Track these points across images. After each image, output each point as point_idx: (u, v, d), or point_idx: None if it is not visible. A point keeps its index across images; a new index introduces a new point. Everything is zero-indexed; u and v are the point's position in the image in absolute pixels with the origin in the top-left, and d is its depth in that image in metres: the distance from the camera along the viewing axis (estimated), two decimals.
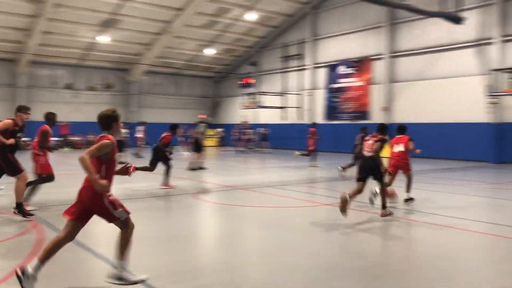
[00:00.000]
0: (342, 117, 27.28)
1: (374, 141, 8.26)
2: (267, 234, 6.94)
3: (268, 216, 8.42)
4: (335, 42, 27.59)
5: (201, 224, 8.12)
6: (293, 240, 6.55)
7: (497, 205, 10.02)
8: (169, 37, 28.86)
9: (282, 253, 5.79)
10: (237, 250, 6.07)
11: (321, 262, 5.44)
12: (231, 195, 10.90)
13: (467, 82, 21.28)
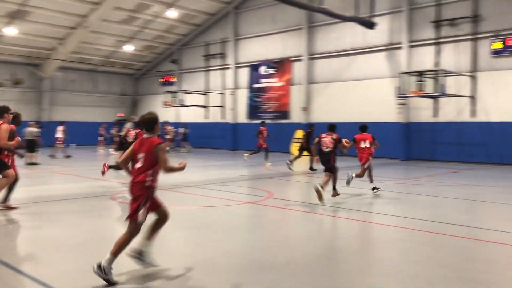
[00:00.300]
0: (264, 117, 27.72)
1: (332, 138, 9.92)
2: (187, 235, 6.89)
3: (188, 217, 8.35)
4: (256, 42, 27.98)
5: (118, 227, 7.85)
6: (214, 239, 6.56)
7: (407, 200, 10.74)
8: (85, 32, 27.51)
9: (202, 253, 5.78)
10: (156, 252, 5.96)
11: (242, 259, 5.51)
12: None
13: (379, 84, 22.62)
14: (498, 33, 19.15)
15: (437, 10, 20.79)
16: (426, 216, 8.44)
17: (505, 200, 10.14)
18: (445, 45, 20.62)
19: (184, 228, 7.37)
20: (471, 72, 19.82)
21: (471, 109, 19.97)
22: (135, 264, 5.00)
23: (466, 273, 5.10)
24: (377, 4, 21.33)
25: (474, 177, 15.11)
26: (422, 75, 18.65)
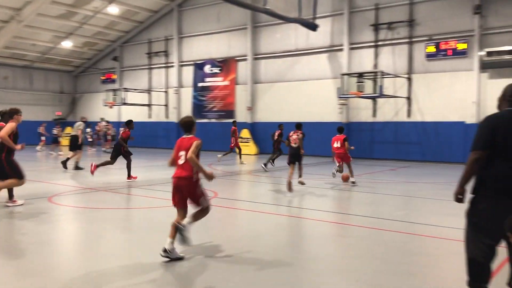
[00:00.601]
0: (209, 116, 27.62)
1: (297, 135, 11.39)
2: (131, 237, 6.74)
3: (131, 218, 8.17)
4: (201, 41, 27.80)
5: (56, 230, 7.54)
6: (157, 241, 6.45)
7: (347, 197, 11.09)
8: (19, 26, 26.14)
9: (145, 255, 5.67)
10: (99, 255, 5.79)
11: (187, 260, 5.46)
12: (91, 197, 10.31)
13: (322, 84, 23.20)
14: (431, 37, 20.20)
15: (376, 13, 21.61)
16: (366, 212, 8.76)
17: (439, 196, 10.71)
18: (383, 47, 21.48)
19: (127, 230, 7.20)
20: (407, 74, 20.79)
21: (408, 109, 20.94)
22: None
23: (403, 267, 5.35)
24: (319, 6, 21.85)
25: (410, 174, 15.86)
26: (362, 77, 19.31)
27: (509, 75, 18.47)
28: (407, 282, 4.83)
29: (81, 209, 8.91)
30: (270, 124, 23.28)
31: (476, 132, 4.11)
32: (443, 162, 19.64)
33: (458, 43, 19.57)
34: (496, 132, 3.92)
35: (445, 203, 9.87)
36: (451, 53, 19.78)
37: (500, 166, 3.94)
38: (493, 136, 3.93)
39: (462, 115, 19.55)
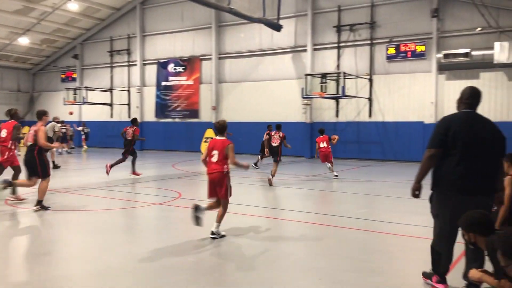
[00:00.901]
0: (173, 115, 27.33)
1: (279, 136, 12.90)
2: (92, 239, 6.60)
3: (92, 220, 7.99)
4: (164, 39, 27.46)
5: (16, 233, 7.28)
6: (120, 243, 6.35)
7: (310, 196, 11.23)
8: None
9: (108, 257, 5.57)
10: (60, 258, 5.63)
11: (151, 262, 5.40)
12: (49, 199, 10.00)
13: (286, 84, 23.40)
14: (392, 39, 20.73)
15: (339, 15, 21.98)
16: (328, 211, 8.91)
17: (399, 194, 11.01)
18: (346, 49, 21.87)
19: (88, 232, 7.04)
20: (368, 75, 21.25)
21: (369, 109, 21.41)
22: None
23: (364, 263, 5.48)
24: (283, 7, 22.01)
25: (372, 173, 16.23)
26: (325, 77, 19.59)
27: (465, 77, 19.21)
28: (369, 279, 4.95)
29: (40, 212, 8.63)
30: (235, 124, 23.26)
31: (432, 131, 4.42)
32: (403, 161, 20.19)
33: (417, 45, 20.18)
34: (449, 132, 4.25)
35: (405, 201, 10.16)
36: (410, 55, 20.36)
37: (451, 163, 4.26)
38: (446, 136, 4.25)
39: (421, 115, 20.17)
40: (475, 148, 4.26)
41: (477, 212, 3.64)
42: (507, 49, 17.40)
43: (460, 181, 4.24)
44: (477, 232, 3.50)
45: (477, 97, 4.54)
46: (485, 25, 18.30)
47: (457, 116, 4.45)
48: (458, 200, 4.24)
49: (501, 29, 18.30)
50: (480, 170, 4.25)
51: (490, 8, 17.92)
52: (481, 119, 4.46)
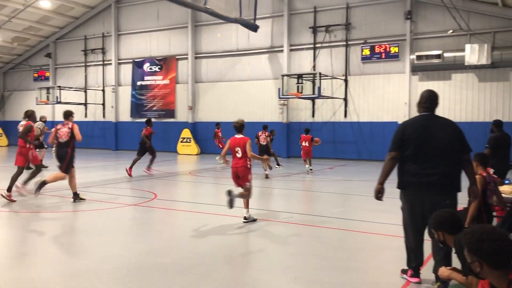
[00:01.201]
0: (148, 115, 27.05)
1: (265, 135, 15.00)
2: (66, 241, 6.50)
3: (67, 222, 7.87)
4: (140, 38, 27.17)
5: None
6: (95, 244, 6.28)
7: (286, 195, 11.30)
8: None
9: (82, 259, 5.50)
10: (33, 261, 5.53)
11: (126, 263, 5.36)
12: (26, 201, 9.80)
13: (263, 85, 23.47)
14: (366, 40, 21.03)
15: (314, 16, 22.16)
16: (304, 210, 8.99)
17: (371, 193, 11.18)
18: (322, 50, 22.07)
19: (62, 234, 6.93)
20: (344, 76, 21.50)
21: (344, 110, 21.67)
22: None
23: (340, 262, 5.56)
24: (259, 7, 22.04)
25: (347, 172, 16.43)
26: (301, 78, 19.73)
27: (437, 78, 19.65)
28: (345, 277, 5.02)
29: (14, 214, 8.45)
30: (211, 124, 23.22)
31: (393, 135, 4.84)
32: (377, 160, 20.48)
33: (391, 47, 20.53)
34: (403, 136, 4.66)
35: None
36: (384, 56, 20.69)
37: (407, 163, 4.66)
38: (401, 139, 4.68)
39: (395, 115, 20.52)
40: (429, 148, 4.57)
41: (445, 212, 3.75)
42: (477, 51, 17.87)
43: (415, 179, 4.59)
44: (446, 231, 3.61)
45: (434, 100, 4.81)
46: (457, 27, 18.75)
47: (413, 120, 4.81)
48: (415, 197, 4.64)
49: (472, 31, 18.79)
50: (434, 169, 4.53)
51: (461, 11, 18.37)
52: (438, 120, 4.73)
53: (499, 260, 2.45)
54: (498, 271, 2.47)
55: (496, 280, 2.51)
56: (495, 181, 5.47)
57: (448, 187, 4.58)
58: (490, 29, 18.67)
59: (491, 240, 2.45)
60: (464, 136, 4.68)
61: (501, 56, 17.94)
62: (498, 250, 2.43)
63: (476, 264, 2.50)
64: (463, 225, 3.68)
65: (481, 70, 18.83)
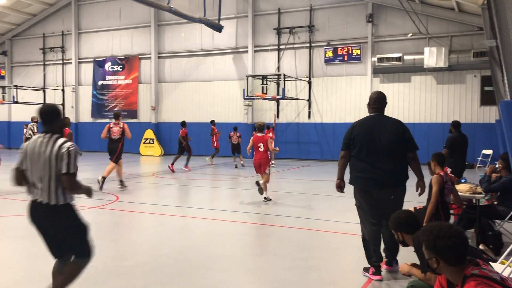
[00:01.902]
0: (110, 116, 26.49)
1: (237, 136, 17.10)
2: (21, 246, 6.26)
3: (22, 226, 7.57)
4: (101, 37, 26.58)
5: None
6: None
7: (251, 196, 11.30)
8: None
9: (39, 265, 5.31)
10: None
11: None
12: None
13: (227, 85, 23.42)
14: (329, 42, 21.33)
15: (279, 18, 22.30)
16: (268, 210, 9.01)
17: (336, 193, 11.31)
18: (286, 51, 22.24)
19: (16, 238, 6.67)
20: (308, 77, 21.74)
21: (308, 111, 21.90)
22: None
23: (303, 261, 5.59)
24: (224, 8, 22.01)
25: (311, 172, 16.61)
26: (266, 79, 19.80)
27: (397, 80, 20.16)
28: (308, 276, 5.06)
29: None
30: (175, 125, 22.97)
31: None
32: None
33: (353, 49, 20.91)
34: (351, 136, 5.01)
35: (341, 199, 10.47)
36: (347, 59, 21.06)
37: (355, 161, 5.02)
38: (349, 139, 5.03)
39: (357, 116, 20.85)
40: (374, 146, 4.87)
41: (403, 212, 3.85)
42: (435, 54, 18.45)
43: (362, 175, 4.94)
44: (404, 231, 3.70)
45: (382, 101, 5.10)
46: (416, 31, 19.30)
47: (361, 121, 5.13)
48: (364, 192, 4.97)
49: (430, 35, 19.39)
50: (379, 166, 4.84)
51: (420, 16, 18.92)
52: (385, 120, 5.05)
53: (454, 256, 2.51)
54: (454, 267, 2.54)
55: (452, 276, 2.58)
56: (452, 180, 5.64)
57: (392, 183, 4.88)
58: (447, 33, 19.32)
59: (447, 237, 2.51)
60: (410, 135, 4.97)
61: (458, 59, 18.60)
62: (453, 247, 2.50)
63: (433, 260, 2.57)
64: (420, 224, 3.77)
65: (439, 72, 19.46)
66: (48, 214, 3.72)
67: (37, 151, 3.69)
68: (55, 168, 3.65)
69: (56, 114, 3.82)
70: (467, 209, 6.44)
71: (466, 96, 19.25)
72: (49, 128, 3.77)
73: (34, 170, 3.71)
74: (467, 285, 2.44)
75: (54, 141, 3.69)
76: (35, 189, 3.75)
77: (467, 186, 6.36)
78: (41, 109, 3.83)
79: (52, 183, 3.67)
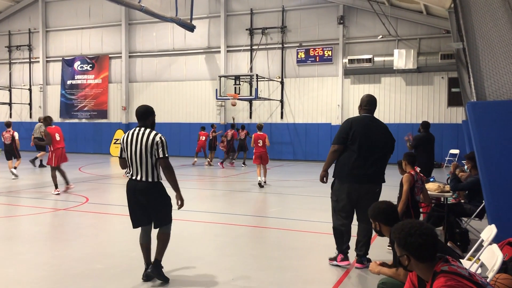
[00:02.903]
0: (79, 116, 25.97)
1: (245, 133, 18.33)
2: None
3: None
4: (70, 36, 26.00)
5: None
6: (20, 252, 5.90)
7: (221, 197, 11.27)
8: None
9: (5, 267, 5.15)
10: None
11: (54, 271, 5.08)
12: None
13: (200, 85, 23.29)
14: (301, 43, 21.50)
15: (251, 18, 22.33)
16: (242, 210, 9.01)
17: (308, 193, 11.43)
18: (259, 52, 22.28)
19: None
20: (280, 78, 21.84)
21: (281, 111, 22.01)
22: None
23: (276, 261, 5.61)
24: (196, 8, 21.87)
25: (283, 173, 16.68)
26: (239, 79, 19.80)
27: (368, 81, 20.49)
28: (281, 275, 5.08)
29: None
30: None
31: (338, 130, 5.42)
32: (312, 160, 21.02)
33: (325, 50, 21.13)
34: (350, 131, 5.21)
35: (314, 199, 10.58)
36: (318, 60, 21.26)
37: (350, 157, 5.22)
38: (347, 134, 5.22)
39: (329, 117, 21.14)
40: (369, 146, 5.21)
41: (383, 203, 3.83)
42: (404, 56, 18.84)
43: (355, 172, 5.20)
44: (382, 222, 3.69)
45: (374, 104, 5.46)
46: (386, 33, 19.66)
47: (358, 119, 5.38)
48: (352, 187, 5.25)
49: (400, 37, 19.78)
50: (371, 164, 5.21)
51: (390, 18, 19.28)
52: (377, 122, 5.40)
53: (425, 253, 2.57)
54: (424, 264, 2.60)
55: (422, 272, 2.64)
56: (422, 179, 5.77)
57: (378, 179, 5.35)
58: (416, 36, 19.76)
59: (418, 235, 2.56)
60: (394, 140, 5.45)
61: (426, 61, 19.05)
62: (424, 244, 2.55)
63: (405, 257, 2.62)
64: (398, 217, 3.78)
65: (408, 74, 19.89)
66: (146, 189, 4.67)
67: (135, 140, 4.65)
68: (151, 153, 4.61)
69: (150, 113, 4.97)
70: (436, 207, 6.61)
71: (434, 97, 19.73)
72: (142, 124, 4.79)
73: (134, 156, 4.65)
74: (437, 281, 2.49)
75: (148, 133, 4.68)
76: (131, 170, 4.68)
77: (435, 185, 6.51)
78: (138, 109, 4.96)
79: (149, 165, 4.62)
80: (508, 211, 5.28)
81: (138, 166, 4.63)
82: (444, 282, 2.45)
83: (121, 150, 4.79)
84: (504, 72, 5.30)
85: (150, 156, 4.60)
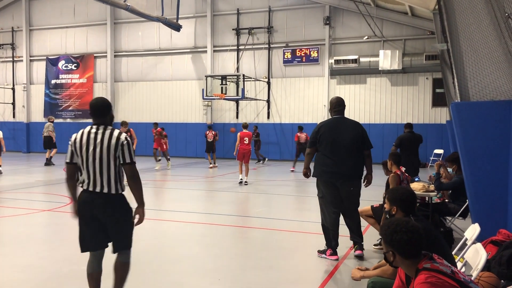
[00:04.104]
0: (64, 116, 25.67)
1: (212, 134, 17.75)
2: None
3: None
4: (54, 34, 25.68)
5: None
6: (3, 253, 5.81)
7: (208, 197, 11.25)
8: None
9: None
10: None
11: (40, 273, 5.02)
12: None
13: (186, 85, 23.19)
14: (288, 44, 21.54)
15: (238, 18, 22.31)
16: (228, 211, 8.99)
17: (295, 192, 11.48)
18: (245, 52, 22.27)
19: None
20: (267, 78, 21.86)
21: (267, 111, 22.03)
22: None
23: (263, 261, 5.61)
24: (182, 7, 21.76)
25: (270, 173, 16.71)
26: (225, 79, 19.76)
27: (353, 82, 20.62)
28: (268, 275, 5.08)
29: None
30: (132, 125, 22.49)
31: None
32: (299, 160, 21.05)
33: (311, 51, 21.21)
34: (317, 135, 5.62)
35: (300, 199, 10.62)
36: (305, 60, 21.34)
37: (321, 157, 5.60)
38: (315, 138, 5.64)
39: (315, 117, 21.22)
40: (338, 145, 5.51)
41: (404, 189, 3.75)
42: (389, 57, 19.01)
43: (327, 169, 5.54)
44: (399, 207, 3.62)
45: (342, 105, 5.77)
46: (372, 34, 19.81)
47: (326, 122, 5.76)
48: (326, 184, 5.59)
49: (385, 38, 19.96)
50: (342, 162, 5.49)
51: (376, 19, 19.44)
52: (346, 122, 5.70)
53: (409, 250, 2.63)
54: (409, 261, 2.66)
55: (407, 269, 2.70)
56: (407, 179, 5.83)
57: (352, 176, 5.57)
58: (401, 37, 19.95)
59: (403, 232, 2.61)
60: (366, 135, 5.68)
61: (411, 62, 19.24)
62: (408, 241, 2.61)
63: (390, 253, 2.67)
64: (414, 209, 3.69)
65: (393, 74, 20.07)
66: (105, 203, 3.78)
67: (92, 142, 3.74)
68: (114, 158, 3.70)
69: (110, 107, 3.93)
70: (420, 206, 6.67)
71: (419, 98, 19.94)
72: (101, 121, 3.83)
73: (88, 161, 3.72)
74: (418, 278, 2.56)
75: (110, 133, 3.74)
76: (88, 179, 3.73)
77: (420, 184, 6.58)
78: (94, 102, 3.93)
79: (111, 173, 3.72)
80: (491, 210, 5.36)
81: (97, 175, 3.70)
82: (424, 279, 2.51)
83: (71, 153, 3.84)
84: (487, 73, 5.39)
85: (113, 161, 3.70)
